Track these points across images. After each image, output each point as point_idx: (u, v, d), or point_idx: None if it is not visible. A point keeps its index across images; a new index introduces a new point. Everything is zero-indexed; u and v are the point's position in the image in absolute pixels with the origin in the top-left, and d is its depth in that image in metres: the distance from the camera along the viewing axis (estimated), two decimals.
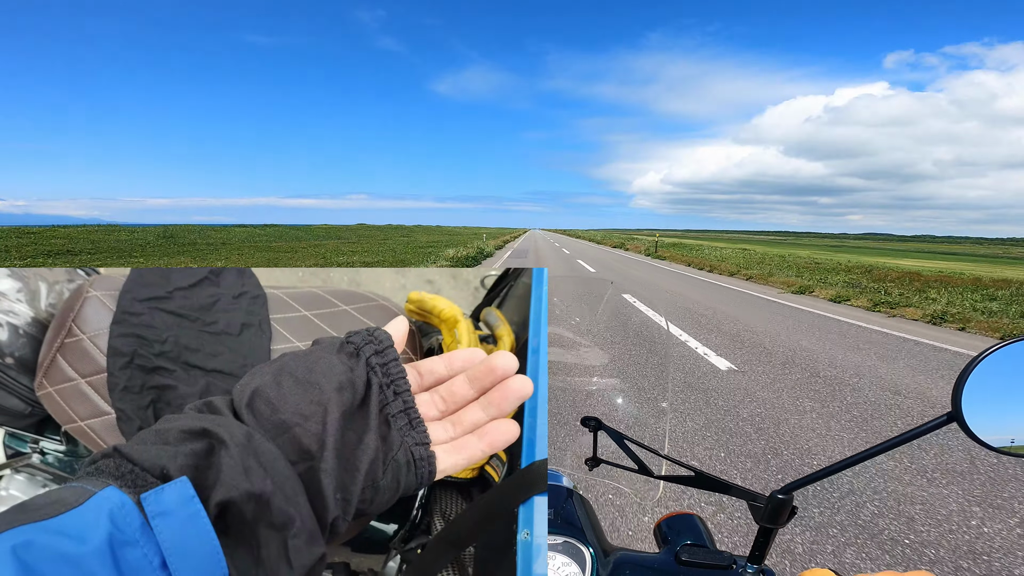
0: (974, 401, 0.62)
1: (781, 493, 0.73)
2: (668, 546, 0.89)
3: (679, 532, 0.92)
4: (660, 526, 0.96)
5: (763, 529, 0.75)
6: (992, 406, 0.63)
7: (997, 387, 0.63)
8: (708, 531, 0.94)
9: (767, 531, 0.75)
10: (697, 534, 0.92)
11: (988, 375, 0.62)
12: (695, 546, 0.85)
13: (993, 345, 0.62)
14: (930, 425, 0.64)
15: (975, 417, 0.62)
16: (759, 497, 0.75)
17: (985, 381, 0.62)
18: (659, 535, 0.95)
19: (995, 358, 0.62)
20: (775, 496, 0.73)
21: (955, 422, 0.63)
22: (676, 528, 0.94)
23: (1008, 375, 0.63)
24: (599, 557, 0.88)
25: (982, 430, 0.63)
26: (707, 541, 0.91)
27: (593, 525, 0.97)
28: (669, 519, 0.96)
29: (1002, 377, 0.63)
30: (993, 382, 0.62)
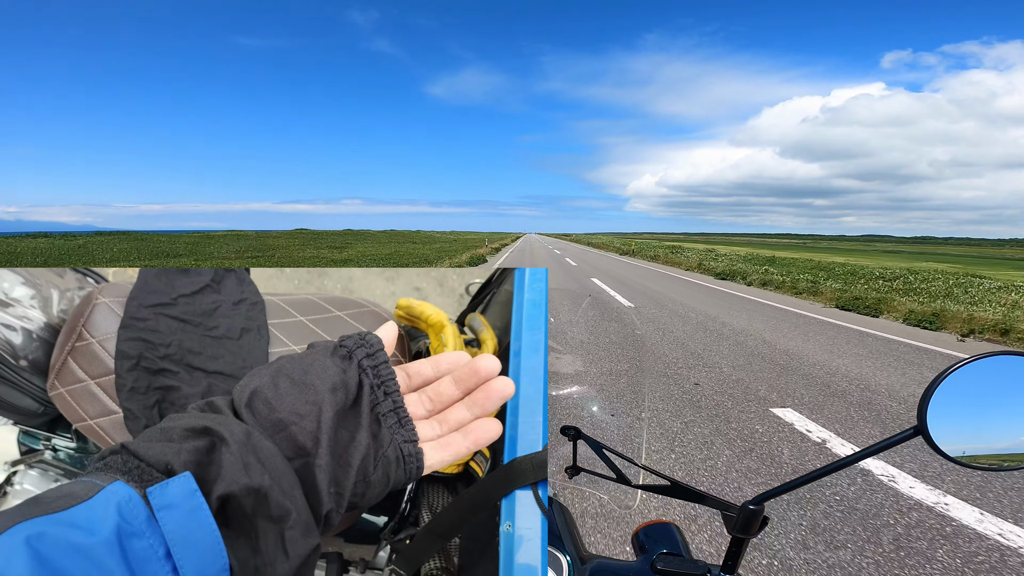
0: (939, 415, 0.61)
1: (753, 504, 0.71)
2: (645, 555, 0.87)
3: (656, 541, 0.90)
4: (637, 534, 0.94)
5: (735, 539, 0.73)
6: (956, 420, 0.62)
7: (961, 402, 0.62)
8: (684, 540, 0.92)
9: (739, 541, 0.73)
10: (673, 543, 0.89)
11: (953, 390, 0.61)
12: (671, 555, 0.83)
13: (958, 361, 0.62)
14: (897, 438, 0.62)
15: (940, 431, 0.61)
16: (732, 507, 0.73)
17: (949, 396, 0.61)
18: (636, 543, 0.93)
19: (959, 374, 0.61)
20: (747, 507, 0.71)
21: (920, 436, 0.62)
22: (653, 537, 0.91)
23: (972, 390, 0.62)
24: (576, 565, 0.86)
25: (947, 443, 0.62)
26: (683, 550, 0.89)
27: (571, 533, 0.95)
28: (646, 528, 0.94)
29: (966, 392, 0.62)
30: (958, 397, 0.62)
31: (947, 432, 0.62)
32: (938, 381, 0.61)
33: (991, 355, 0.62)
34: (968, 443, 0.63)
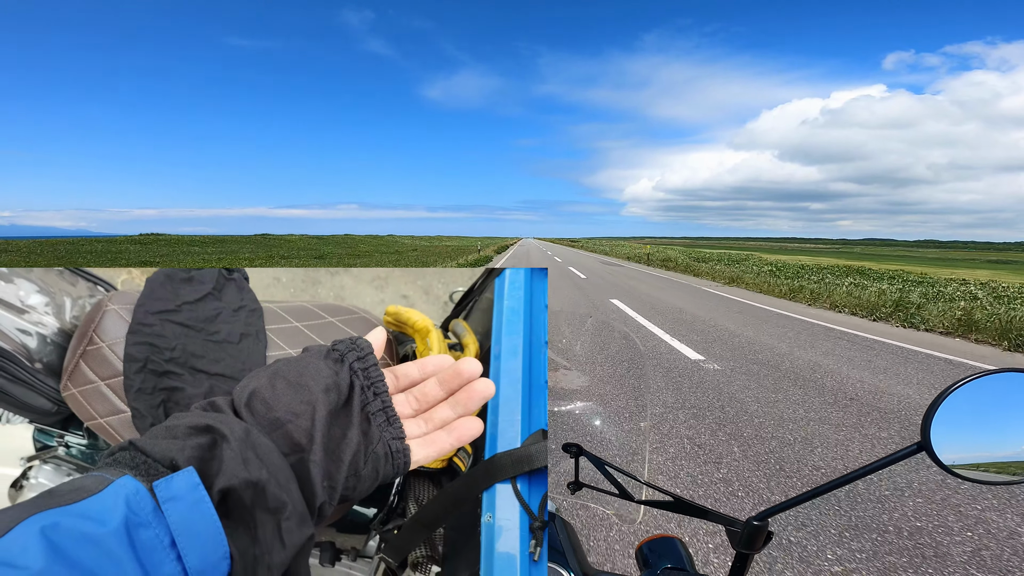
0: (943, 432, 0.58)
1: (757, 519, 0.66)
2: (649, 570, 0.82)
3: (660, 555, 0.84)
4: (641, 549, 0.88)
5: (740, 555, 0.68)
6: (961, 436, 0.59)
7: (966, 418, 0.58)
8: (689, 555, 0.86)
9: (744, 556, 0.68)
10: (677, 558, 0.83)
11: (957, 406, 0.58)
12: (675, 570, 0.79)
13: (963, 378, 0.59)
14: (901, 454, 0.59)
15: (944, 446, 0.58)
16: (736, 523, 0.68)
17: (954, 413, 0.58)
18: (640, 558, 0.87)
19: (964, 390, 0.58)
20: (751, 523, 0.66)
21: (924, 451, 0.58)
22: (657, 551, 0.85)
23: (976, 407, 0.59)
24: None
25: (951, 459, 0.59)
26: (687, 565, 0.83)
27: (575, 548, 0.88)
28: (650, 542, 0.88)
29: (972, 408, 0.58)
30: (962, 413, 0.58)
31: (951, 447, 0.59)
32: (942, 397, 0.58)
33: (998, 372, 0.59)
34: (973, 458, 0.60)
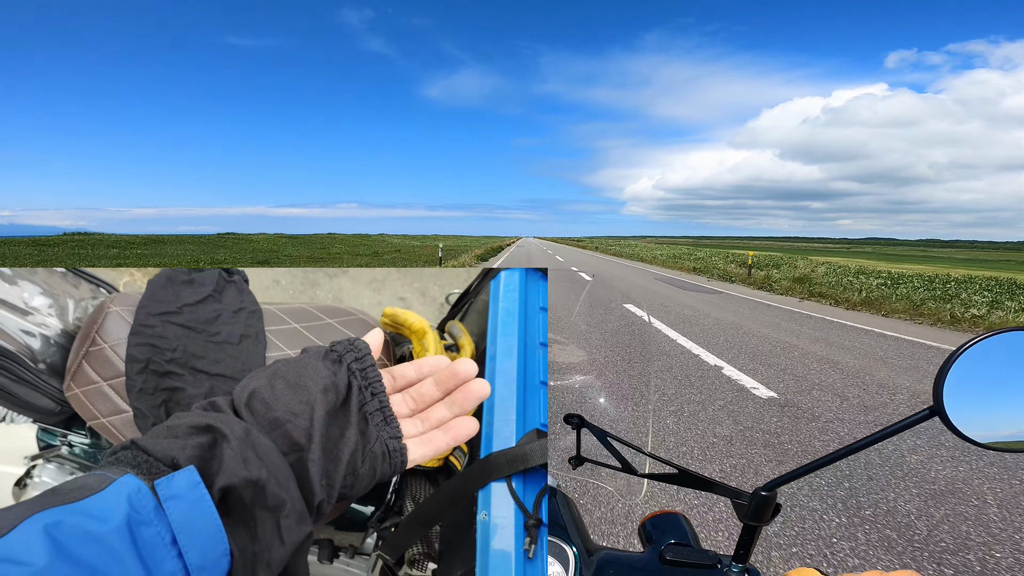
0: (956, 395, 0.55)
1: (765, 490, 0.64)
2: (652, 545, 0.78)
3: (663, 531, 0.81)
4: (644, 525, 0.85)
5: (747, 527, 0.66)
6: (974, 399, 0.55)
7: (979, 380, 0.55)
8: (693, 530, 0.83)
9: (751, 529, 0.66)
10: (682, 533, 0.80)
11: (969, 368, 0.55)
12: (680, 545, 0.75)
13: (973, 338, 0.55)
14: (912, 419, 0.56)
15: (957, 411, 0.55)
16: (743, 495, 0.66)
17: (966, 374, 0.55)
18: (643, 534, 0.84)
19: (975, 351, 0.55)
20: (759, 493, 0.64)
21: (937, 416, 0.55)
22: (660, 527, 0.82)
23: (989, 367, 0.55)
24: (583, 556, 0.77)
25: (964, 424, 0.55)
26: (692, 540, 0.79)
27: (577, 524, 0.86)
28: (653, 518, 0.85)
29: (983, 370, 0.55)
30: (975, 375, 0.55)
31: (965, 412, 0.55)
32: (952, 359, 0.55)
33: (1007, 331, 0.56)
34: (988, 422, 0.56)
